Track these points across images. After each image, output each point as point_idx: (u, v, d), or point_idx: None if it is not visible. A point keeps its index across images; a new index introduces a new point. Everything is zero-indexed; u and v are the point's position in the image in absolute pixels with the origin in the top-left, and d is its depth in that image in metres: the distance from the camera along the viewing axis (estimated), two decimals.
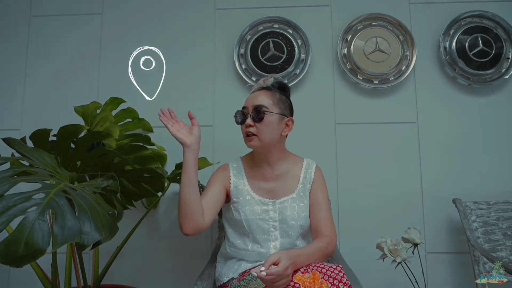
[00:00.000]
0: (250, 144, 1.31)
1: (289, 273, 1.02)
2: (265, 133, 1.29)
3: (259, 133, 1.29)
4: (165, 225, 1.95)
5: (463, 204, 1.78)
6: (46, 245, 0.79)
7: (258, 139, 1.29)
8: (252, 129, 1.29)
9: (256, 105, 1.29)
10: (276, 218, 1.30)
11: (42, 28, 2.09)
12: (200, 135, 1.28)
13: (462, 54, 1.97)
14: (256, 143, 1.30)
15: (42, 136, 1.30)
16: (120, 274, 1.89)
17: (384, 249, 1.41)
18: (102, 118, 1.61)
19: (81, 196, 0.96)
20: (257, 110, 1.28)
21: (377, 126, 1.98)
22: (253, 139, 1.29)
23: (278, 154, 1.36)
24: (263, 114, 1.28)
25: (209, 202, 1.27)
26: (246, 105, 1.33)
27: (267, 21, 2.05)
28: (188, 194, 1.19)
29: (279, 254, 1.05)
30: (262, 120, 1.28)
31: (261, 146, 1.30)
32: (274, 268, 0.99)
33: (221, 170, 1.40)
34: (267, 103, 1.30)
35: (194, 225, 1.19)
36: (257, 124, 1.28)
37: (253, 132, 1.29)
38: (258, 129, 1.28)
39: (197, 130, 1.27)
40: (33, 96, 2.05)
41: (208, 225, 1.23)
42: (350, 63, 2.00)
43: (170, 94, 2.02)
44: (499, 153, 1.93)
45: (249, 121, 1.29)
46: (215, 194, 1.30)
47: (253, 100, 1.31)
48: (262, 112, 1.28)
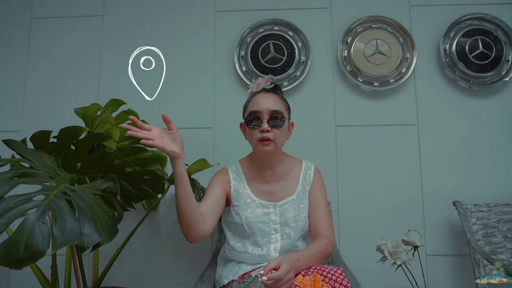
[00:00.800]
0: (265, 149, 1.28)
1: (290, 277, 1.02)
2: (280, 138, 1.30)
3: (276, 138, 1.28)
4: (165, 227, 1.95)
5: (464, 206, 1.78)
6: (46, 247, 0.79)
7: (274, 145, 1.28)
8: (270, 134, 1.27)
9: (273, 111, 1.27)
10: (277, 221, 1.30)
11: (42, 30, 2.10)
12: (182, 139, 1.17)
13: (462, 56, 1.98)
14: (272, 148, 1.28)
15: (43, 137, 1.30)
16: (120, 276, 1.88)
17: (385, 252, 1.41)
18: (103, 120, 1.61)
19: (81, 198, 0.96)
20: (275, 117, 1.27)
21: (377, 129, 1.98)
22: (270, 144, 1.27)
23: (279, 157, 1.37)
24: (283, 121, 1.28)
25: (210, 208, 1.26)
26: (258, 109, 1.28)
27: (267, 23, 2.05)
28: (188, 207, 1.15)
29: (280, 258, 1.05)
30: (281, 126, 1.28)
31: (274, 151, 1.30)
32: (275, 273, 0.99)
33: (221, 173, 1.39)
34: (281, 108, 1.30)
35: (197, 235, 1.18)
36: (275, 130, 1.27)
37: (270, 138, 1.27)
38: (276, 135, 1.27)
39: (178, 135, 1.16)
40: (34, 98, 2.05)
41: (210, 231, 1.23)
42: (350, 65, 2.00)
43: (170, 95, 2.02)
44: (499, 156, 1.93)
45: (266, 126, 1.26)
46: (215, 199, 1.29)
47: (268, 105, 1.28)
48: (281, 119, 1.28)
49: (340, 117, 1.99)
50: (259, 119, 1.28)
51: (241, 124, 1.41)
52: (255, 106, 1.30)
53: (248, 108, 1.33)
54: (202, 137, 1.98)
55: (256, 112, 1.28)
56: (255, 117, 1.28)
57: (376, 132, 1.97)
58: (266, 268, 1.00)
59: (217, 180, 1.36)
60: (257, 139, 1.28)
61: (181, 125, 1.99)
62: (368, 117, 1.99)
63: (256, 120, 1.28)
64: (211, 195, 1.30)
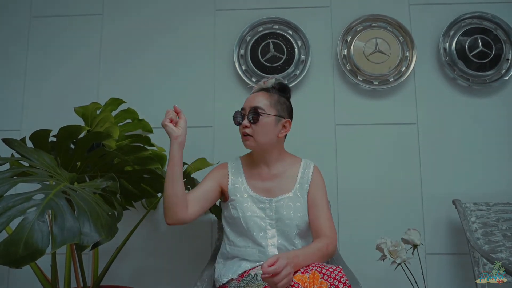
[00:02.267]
0: (245, 144, 1.34)
1: (289, 271, 1.02)
2: (261, 134, 1.31)
3: (254, 134, 1.31)
4: (165, 226, 1.95)
5: (463, 205, 1.78)
6: (46, 246, 0.79)
7: (254, 140, 1.32)
8: (248, 130, 1.31)
9: (253, 106, 1.32)
10: (273, 217, 1.32)
11: (42, 28, 2.09)
12: (186, 128, 1.27)
13: (462, 55, 1.98)
14: (252, 144, 1.32)
15: (42, 136, 1.30)
16: (119, 275, 1.89)
17: (384, 250, 1.41)
18: (102, 118, 1.62)
19: (80, 196, 0.96)
20: (253, 112, 1.31)
21: (377, 127, 1.98)
22: (249, 139, 1.32)
23: (276, 155, 1.37)
24: (259, 116, 1.30)
25: (197, 197, 1.30)
26: (244, 106, 1.35)
27: (267, 22, 2.05)
28: (172, 188, 1.22)
29: (278, 254, 1.05)
30: (257, 121, 1.30)
31: (256, 146, 1.33)
32: (272, 267, 0.99)
33: (220, 168, 1.43)
34: (264, 104, 1.32)
35: (175, 217, 1.23)
36: (253, 125, 1.31)
37: (249, 133, 1.31)
38: (254, 130, 1.31)
39: (183, 123, 1.27)
40: (33, 97, 2.05)
41: (191, 218, 1.26)
42: (350, 64, 2.00)
43: (170, 94, 2.02)
44: (499, 154, 1.93)
45: (245, 122, 1.32)
46: (205, 190, 1.33)
47: (250, 102, 1.34)
48: (258, 114, 1.30)
49: (340, 116, 1.99)
50: (242, 115, 1.34)
51: None
52: (243, 104, 1.36)
53: None
54: (201, 136, 1.98)
55: (242, 109, 1.35)
56: (239, 115, 1.35)
57: (376, 131, 1.97)
58: (264, 264, 1.00)
59: (213, 173, 1.40)
60: (241, 135, 1.35)
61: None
62: (367, 116, 1.99)
63: (241, 117, 1.34)
64: (201, 186, 1.34)
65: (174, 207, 1.22)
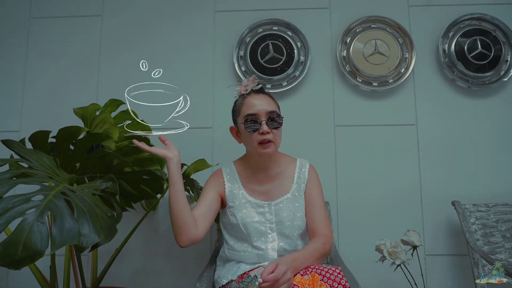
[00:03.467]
0: (266, 151, 1.28)
1: (289, 277, 1.02)
2: (278, 138, 1.32)
3: (275, 139, 1.30)
4: (164, 227, 1.95)
5: (462, 206, 1.78)
6: (45, 247, 0.79)
7: (274, 146, 1.30)
8: (270, 136, 1.27)
9: (270, 111, 1.29)
10: (273, 220, 1.31)
11: (41, 30, 2.09)
12: (178, 149, 1.30)
13: (461, 56, 1.98)
14: (272, 150, 1.29)
15: (41, 137, 1.30)
16: (119, 276, 1.88)
17: (384, 251, 1.41)
18: (102, 119, 1.61)
19: (80, 198, 0.96)
20: (273, 118, 1.28)
21: (376, 128, 1.98)
22: (270, 146, 1.28)
23: (274, 157, 1.37)
24: (281, 121, 1.30)
25: (203, 212, 1.28)
26: (255, 112, 1.28)
27: (266, 23, 2.05)
28: (178, 207, 1.20)
29: (277, 261, 1.05)
30: (279, 127, 1.30)
31: (274, 151, 1.31)
32: (271, 275, 0.99)
33: (215, 176, 1.40)
34: (276, 108, 1.32)
35: (188, 238, 1.21)
36: (274, 131, 1.29)
37: (271, 139, 1.28)
38: (275, 136, 1.29)
39: (173, 146, 1.30)
40: (33, 98, 2.05)
41: (202, 236, 1.25)
42: (349, 66, 2.00)
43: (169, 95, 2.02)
44: (498, 155, 1.94)
45: (266, 128, 1.26)
46: (208, 203, 1.31)
47: (264, 106, 1.29)
48: (279, 119, 1.29)
49: (339, 117, 1.99)
50: (257, 121, 1.28)
51: (232, 128, 1.41)
52: (251, 109, 1.29)
53: (243, 112, 1.31)
54: (201, 137, 1.98)
55: (254, 115, 1.28)
56: (253, 120, 1.28)
57: (375, 132, 1.97)
58: (263, 273, 1.00)
59: (210, 183, 1.38)
60: (257, 142, 1.28)
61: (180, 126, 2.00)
62: (367, 117, 1.99)
63: (254, 123, 1.28)
64: (204, 199, 1.32)
65: (185, 227, 1.20)
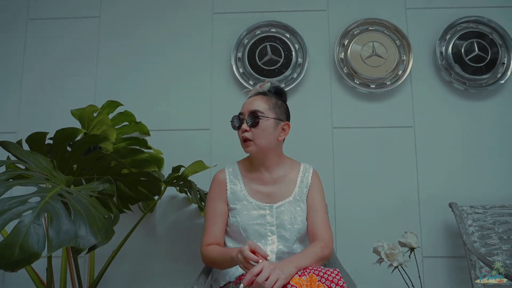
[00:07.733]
0: (247, 150, 1.32)
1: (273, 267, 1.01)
2: (261, 138, 1.30)
3: (255, 138, 1.29)
4: (162, 229, 1.94)
5: (460, 208, 1.79)
6: (41, 249, 0.78)
7: (255, 144, 1.30)
8: (248, 134, 1.30)
9: (251, 110, 1.30)
10: (273, 223, 1.30)
11: (39, 31, 2.09)
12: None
13: (458, 59, 1.99)
14: (253, 148, 1.30)
15: (38, 139, 1.29)
16: (116, 278, 1.88)
17: (381, 253, 1.41)
18: (99, 121, 1.61)
19: (77, 199, 0.96)
20: (253, 115, 1.30)
21: (374, 131, 1.98)
22: (250, 144, 1.30)
23: (275, 159, 1.36)
24: (259, 119, 1.29)
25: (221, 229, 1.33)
26: (242, 110, 1.34)
27: (264, 25, 2.05)
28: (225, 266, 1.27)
29: (262, 263, 1.03)
30: (257, 125, 1.29)
31: (257, 151, 1.31)
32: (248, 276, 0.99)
33: (217, 182, 1.39)
34: (263, 108, 1.31)
35: None
36: (253, 129, 1.29)
37: (249, 137, 1.30)
38: (254, 134, 1.29)
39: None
40: (30, 99, 2.04)
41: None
42: (347, 68, 2.01)
43: (167, 96, 2.02)
44: (495, 157, 1.94)
45: (244, 126, 1.30)
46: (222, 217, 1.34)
47: (249, 106, 1.33)
48: (257, 117, 1.29)
49: (337, 119, 2.00)
50: (241, 119, 1.33)
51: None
52: (241, 108, 1.35)
53: None
54: (199, 139, 1.98)
55: (239, 114, 1.34)
56: (236, 119, 1.34)
57: (373, 134, 1.98)
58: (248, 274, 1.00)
59: (215, 193, 1.37)
60: (241, 140, 1.33)
61: (178, 127, 2.00)
62: (364, 119, 1.99)
63: (239, 121, 1.33)
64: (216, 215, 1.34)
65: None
